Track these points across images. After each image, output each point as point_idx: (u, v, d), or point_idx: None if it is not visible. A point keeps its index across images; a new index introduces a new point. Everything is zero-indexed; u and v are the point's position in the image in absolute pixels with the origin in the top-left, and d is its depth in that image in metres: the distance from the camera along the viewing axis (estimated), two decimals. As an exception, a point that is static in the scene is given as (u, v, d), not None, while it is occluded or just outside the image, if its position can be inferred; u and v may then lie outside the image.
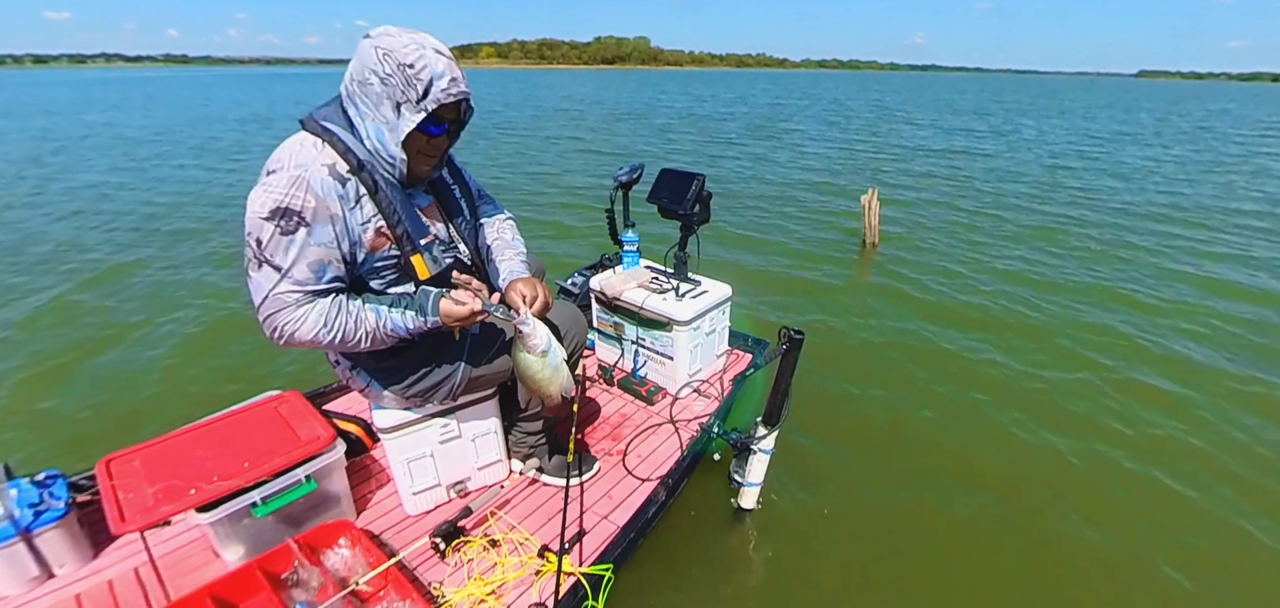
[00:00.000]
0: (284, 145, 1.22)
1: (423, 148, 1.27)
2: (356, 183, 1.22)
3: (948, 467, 2.32)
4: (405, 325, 1.29)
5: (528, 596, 1.42)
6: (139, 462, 1.45)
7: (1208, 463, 2.35)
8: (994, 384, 2.92)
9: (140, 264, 4.50)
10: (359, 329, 1.25)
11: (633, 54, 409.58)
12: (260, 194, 1.15)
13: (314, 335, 1.20)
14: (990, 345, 3.30)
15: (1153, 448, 2.44)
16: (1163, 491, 2.21)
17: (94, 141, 11.35)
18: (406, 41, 1.17)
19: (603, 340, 2.45)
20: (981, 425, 2.58)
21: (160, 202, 6.50)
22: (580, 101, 24.44)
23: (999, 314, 3.74)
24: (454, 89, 1.20)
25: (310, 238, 1.17)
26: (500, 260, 1.50)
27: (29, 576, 1.38)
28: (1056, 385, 2.89)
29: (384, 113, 1.20)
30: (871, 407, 2.71)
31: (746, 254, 4.91)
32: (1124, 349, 3.27)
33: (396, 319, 1.29)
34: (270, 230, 1.14)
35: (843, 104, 24.51)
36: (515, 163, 9.24)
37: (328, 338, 1.22)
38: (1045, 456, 2.39)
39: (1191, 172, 9.02)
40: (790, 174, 8.53)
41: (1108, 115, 20.73)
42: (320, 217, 1.17)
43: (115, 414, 2.64)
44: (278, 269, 1.16)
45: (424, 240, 1.32)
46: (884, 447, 2.44)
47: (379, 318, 1.27)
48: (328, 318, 1.21)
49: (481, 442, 1.69)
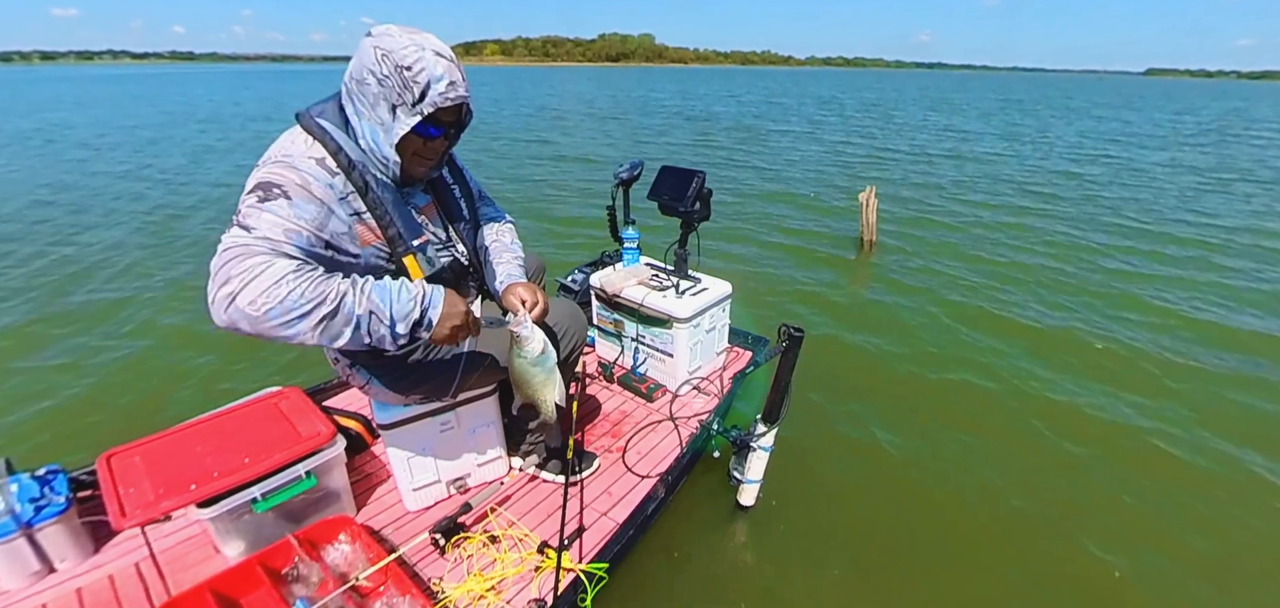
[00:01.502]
0: (277, 141, 1.20)
1: (419, 150, 1.25)
2: (345, 180, 1.19)
3: (946, 466, 2.32)
4: (396, 292, 1.12)
5: (527, 592, 1.42)
6: (140, 457, 1.45)
7: (1216, 474, 2.34)
8: (993, 382, 2.92)
9: (139, 260, 4.50)
10: (329, 284, 1.04)
11: (637, 51, 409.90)
12: (248, 181, 1.13)
13: (266, 290, 0.98)
14: (989, 345, 3.30)
15: (1155, 449, 2.44)
16: (1168, 494, 2.20)
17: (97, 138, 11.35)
18: (406, 43, 1.15)
19: (603, 338, 2.45)
20: (980, 424, 2.58)
21: (160, 200, 6.50)
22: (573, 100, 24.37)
23: (998, 313, 3.74)
24: (452, 93, 1.17)
25: (290, 208, 1.08)
26: (498, 263, 1.46)
27: (30, 570, 1.39)
28: (1055, 384, 2.89)
29: (380, 114, 1.18)
30: (870, 405, 2.71)
31: (746, 252, 4.90)
32: (1129, 348, 3.27)
33: (388, 283, 1.13)
34: (249, 201, 1.07)
35: (840, 101, 24.46)
36: (497, 166, 9.20)
37: (283, 294, 0.98)
38: (1045, 455, 2.39)
39: (1205, 176, 8.70)
40: (789, 173, 8.53)
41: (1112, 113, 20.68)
42: (302, 194, 1.11)
43: (116, 410, 2.64)
44: (246, 228, 1.04)
45: (418, 241, 1.30)
46: (882, 445, 2.44)
47: (357, 286, 1.08)
48: (290, 274, 1.00)
49: (481, 438, 1.69)
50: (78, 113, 16.57)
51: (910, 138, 12.73)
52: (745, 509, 1.98)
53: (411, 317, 1.14)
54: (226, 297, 0.98)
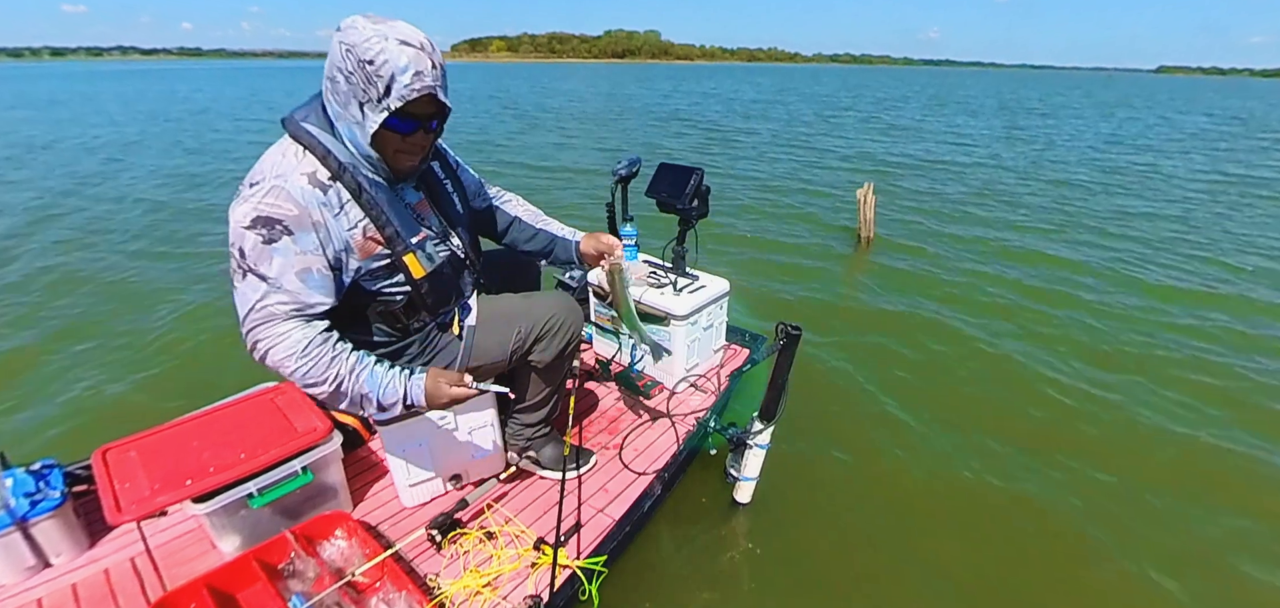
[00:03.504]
0: (266, 156, 1.19)
1: (399, 146, 1.21)
2: (339, 189, 1.18)
3: (944, 464, 2.32)
4: (383, 384, 1.24)
5: (523, 588, 1.42)
6: (135, 452, 1.44)
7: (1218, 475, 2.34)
8: (991, 381, 2.93)
9: (137, 258, 4.48)
10: (332, 368, 1.19)
11: (643, 48, 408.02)
12: (241, 206, 1.13)
13: (285, 358, 1.15)
14: (988, 343, 3.31)
15: (1158, 452, 2.44)
16: (1170, 493, 2.20)
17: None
18: (369, 34, 1.08)
19: (600, 334, 2.45)
20: (979, 422, 2.59)
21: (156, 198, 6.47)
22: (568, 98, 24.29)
23: (996, 311, 3.75)
24: (417, 85, 1.10)
25: (294, 245, 1.13)
26: (546, 227, 1.65)
27: (25, 565, 1.38)
28: (1055, 383, 2.90)
29: (352, 112, 1.14)
30: (868, 402, 2.72)
31: (744, 250, 4.90)
32: (1129, 346, 3.28)
33: (378, 373, 1.24)
34: (253, 240, 1.11)
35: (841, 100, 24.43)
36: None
37: (296, 366, 1.16)
38: (1044, 455, 2.39)
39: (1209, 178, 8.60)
40: (789, 171, 8.52)
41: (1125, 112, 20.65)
42: (302, 224, 1.13)
43: (111, 404, 2.64)
44: (263, 279, 1.13)
45: (416, 239, 1.30)
46: (880, 442, 2.44)
47: (359, 362, 1.22)
48: (307, 347, 1.16)
49: (478, 434, 1.69)
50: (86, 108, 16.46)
51: (911, 136, 12.73)
52: (741, 506, 1.98)
53: (396, 405, 1.27)
54: (258, 355, 1.18)
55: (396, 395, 1.26)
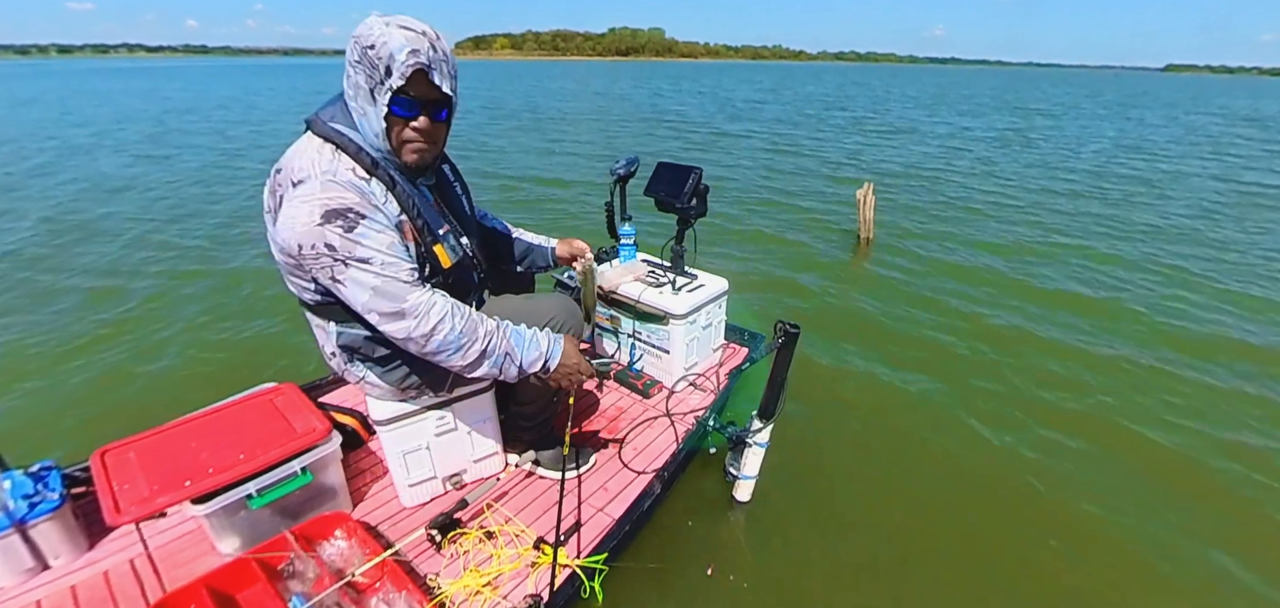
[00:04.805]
0: (297, 153, 1.20)
1: (403, 135, 1.22)
2: (376, 182, 1.21)
3: (943, 464, 2.33)
4: (527, 340, 1.30)
5: (523, 587, 1.42)
6: (134, 453, 1.44)
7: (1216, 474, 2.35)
8: (990, 381, 2.93)
9: (136, 256, 4.47)
10: (481, 323, 1.23)
11: (647, 46, 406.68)
12: (300, 206, 1.13)
13: (439, 322, 1.18)
14: (987, 343, 3.31)
15: (1160, 449, 2.45)
16: (1171, 494, 2.20)
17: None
18: (374, 25, 1.13)
19: (599, 334, 2.45)
20: (977, 422, 2.59)
21: (158, 196, 6.46)
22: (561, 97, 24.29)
23: (995, 312, 3.75)
24: (412, 61, 1.11)
25: (372, 225, 1.16)
26: (522, 236, 1.79)
27: (24, 567, 1.38)
28: (1053, 383, 2.90)
29: (363, 104, 1.17)
30: (867, 402, 2.72)
31: (743, 248, 4.90)
32: (1127, 355, 3.29)
33: (520, 330, 1.31)
34: (335, 232, 1.12)
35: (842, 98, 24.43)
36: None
37: (450, 327, 1.19)
38: (1044, 455, 2.39)
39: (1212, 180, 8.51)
40: (789, 170, 8.52)
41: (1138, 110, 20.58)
42: (368, 208, 1.16)
43: (110, 406, 2.63)
44: (366, 262, 1.14)
45: (442, 230, 1.33)
46: (879, 442, 2.44)
47: (500, 328, 1.27)
48: (453, 307, 1.20)
49: (477, 434, 1.69)
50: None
51: (911, 135, 12.73)
52: (741, 505, 1.98)
53: (535, 365, 1.31)
54: (402, 332, 1.18)
55: (539, 351, 1.31)
